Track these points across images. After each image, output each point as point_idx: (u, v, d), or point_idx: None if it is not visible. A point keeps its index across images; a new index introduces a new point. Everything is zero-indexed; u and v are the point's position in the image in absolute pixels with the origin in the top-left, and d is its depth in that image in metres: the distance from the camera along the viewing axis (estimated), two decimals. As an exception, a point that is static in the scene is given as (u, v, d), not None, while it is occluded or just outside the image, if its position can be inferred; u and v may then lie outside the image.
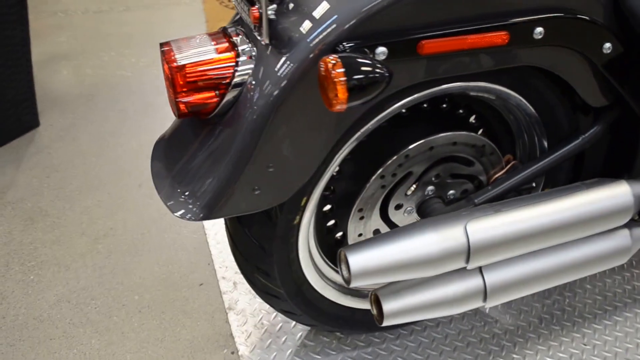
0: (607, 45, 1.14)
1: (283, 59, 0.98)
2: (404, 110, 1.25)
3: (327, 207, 1.31)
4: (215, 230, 1.84)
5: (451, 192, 1.31)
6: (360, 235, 1.31)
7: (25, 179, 2.04)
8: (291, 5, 1.02)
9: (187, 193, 1.06)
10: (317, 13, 0.99)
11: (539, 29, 1.07)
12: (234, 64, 1.02)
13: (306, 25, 0.99)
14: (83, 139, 2.21)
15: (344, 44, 0.96)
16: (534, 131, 1.29)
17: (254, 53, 1.04)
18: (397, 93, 1.08)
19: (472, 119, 1.33)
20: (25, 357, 1.49)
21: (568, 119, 1.26)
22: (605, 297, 1.62)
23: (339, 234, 1.34)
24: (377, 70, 0.91)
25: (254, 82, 1.01)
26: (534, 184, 1.36)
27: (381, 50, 0.98)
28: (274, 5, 0.99)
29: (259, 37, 1.02)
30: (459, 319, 1.56)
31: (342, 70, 0.88)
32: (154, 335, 1.55)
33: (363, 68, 0.90)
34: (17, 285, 1.68)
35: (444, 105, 1.28)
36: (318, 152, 1.05)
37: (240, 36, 1.08)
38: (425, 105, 1.27)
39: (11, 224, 1.87)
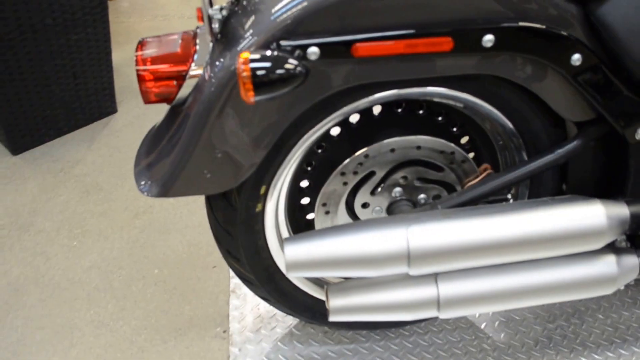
0: (576, 56, 1.07)
1: (225, 55, 1.04)
2: (375, 112, 1.26)
3: (306, 200, 1.36)
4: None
5: (422, 196, 1.29)
6: None
7: (93, 157, 2.27)
8: (242, 5, 1.08)
9: (151, 172, 1.16)
10: (259, 13, 1.04)
11: (489, 37, 1.03)
12: (191, 59, 1.10)
13: (248, 24, 1.04)
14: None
15: (277, 42, 0.99)
16: (512, 142, 1.23)
17: (210, 49, 1.11)
18: (346, 95, 1.10)
19: (453, 127, 1.30)
20: (50, 312, 1.68)
21: (546, 131, 1.20)
22: (617, 329, 1.51)
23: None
24: (289, 68, 0.94)
25: (204, 76, 1.08)
26: (509, 196, 1.30)
27: (313, 50, 1.00)
28: (217, 6, 1.05)
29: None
30: (450, 329, 1.53)
31: (250, 65, 0.92)
32: (161, 307, 1.68)
33: (272, 65, 0.93)
34: (61, 249, 1.89)
35: (421, 111, 1.27)
36: (261, 145, 1.10)
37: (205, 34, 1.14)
38: (399, 108, 1.27)
39: (71, 194, 2.10)
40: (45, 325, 1.64)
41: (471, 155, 1.34)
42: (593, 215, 1.12)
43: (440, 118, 1.29)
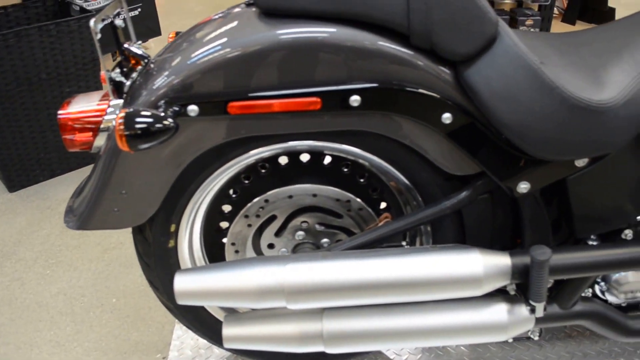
0: (447, 115, 1.14)
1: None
2: (283, 161, 1.40)
3: (225, 239, 1.51)
4: (199, 257, 2.15)
5: (325, 240, 1.44)
6: None
7: (79, 197, 2.53)
8: (149, 68, 1.25)
9: (74, 209, 1.35)
10: (155, 76, 1.19)
11: (355, 97, 1.12)
12: (104, 113, 1.27)
13: (146, 85, 1.20)
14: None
15: (163, 100, 1.15)
16: (410, 194, 1.33)
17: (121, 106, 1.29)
18: (235, 146, 1.25)
19: (361, 178, 1.39)
20: (17, 331, 1.90)
21: (438, 184, 1.29)
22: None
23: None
24: (158, 123, 1.10)
25: (113, 127, 1.25)
26: (404, 243, 1.44)
27: (192, 108, 1.15)
28: (118, 69, 1.25)
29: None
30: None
31: (122, 121, 1.09)
32: (112, 332, 1.88)
33: (142, 120, 1.09)
34: (35, 276, 2.12)
35: (326, 162, 1.38)
36: (156, 188, 1.26)
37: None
38: (304, 158, 1.39)
39: (53, 228, 2.34)
40: (10, 342, 1.85)
41: (383, 205, 1.44)
42: (469, 263, 1.18)
43: (346, 169, 1.39)
